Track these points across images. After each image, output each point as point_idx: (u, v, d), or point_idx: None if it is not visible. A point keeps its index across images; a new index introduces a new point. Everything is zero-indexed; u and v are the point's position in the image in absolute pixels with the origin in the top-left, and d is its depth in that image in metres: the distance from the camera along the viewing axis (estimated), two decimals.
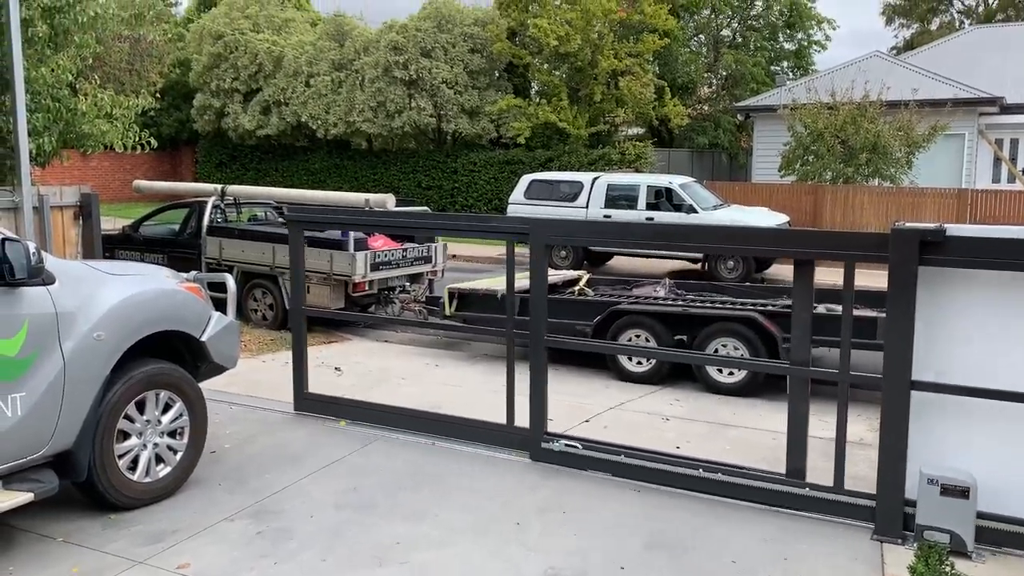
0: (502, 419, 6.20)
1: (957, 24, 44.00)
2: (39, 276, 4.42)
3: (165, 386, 5.12)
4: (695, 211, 15.66)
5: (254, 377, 8.20)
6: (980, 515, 4.59)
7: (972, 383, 4.62)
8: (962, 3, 46.29)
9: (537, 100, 27.05)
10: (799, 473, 5.18)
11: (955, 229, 4.68)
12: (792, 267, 5.23)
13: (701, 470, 5.42)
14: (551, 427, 6.57)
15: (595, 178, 17.03)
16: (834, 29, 35.52)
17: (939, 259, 4.62)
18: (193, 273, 6.05)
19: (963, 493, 4.54)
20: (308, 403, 6.98)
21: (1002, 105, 23.54)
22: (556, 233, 6.29)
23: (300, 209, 6.32)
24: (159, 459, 5.13)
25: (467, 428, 6.35)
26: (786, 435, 5.31)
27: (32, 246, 4.37)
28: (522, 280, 10.36)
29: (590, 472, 5.70)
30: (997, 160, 24.65)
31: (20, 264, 4.27)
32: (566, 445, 5.86)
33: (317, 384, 7.26)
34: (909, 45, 42.60)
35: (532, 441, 5.98)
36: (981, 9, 45.22)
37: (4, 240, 4.28)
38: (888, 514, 4.79)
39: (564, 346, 7.95)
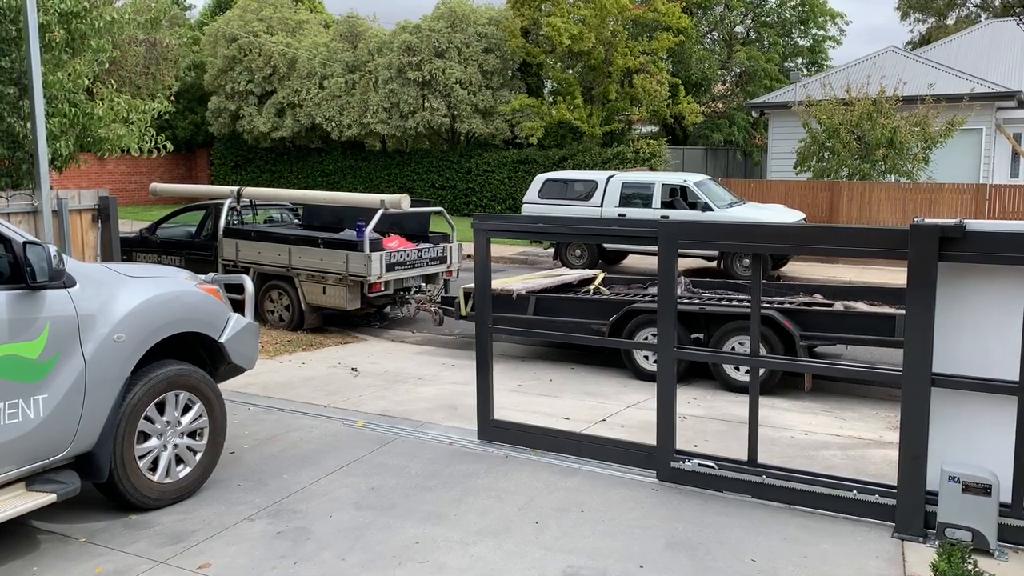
0: (519, 418, 6.19)
1: (974, 18, 43.64)
2: (60, 279, 4.46)
3: (185, 387, 5.16)
4: (710, 209, 15.58)
5: (271, 378, 8.25)
6: (1003, 512, 4.55)
7: (993, 378, 4.59)
8: None
9: (551, 99, 27.04)
10: None
11: (975, 225, 4.64)
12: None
13: (855, 492, 5.01)
14: (567, 426, 6.57)
15: (609, 177, 16.99)
16: (847, 24, 35.38)
17: (959, 255, 4.59)
18: (211, 275, 6.08)
19: (985, 490, 4.51)
20: (496, 431, 6.33)
21: (1020, 99, 23.32)
22: (686, 236, 5.73)
23: (486, 216, 6.16)
24: (179, 460, 5.16)
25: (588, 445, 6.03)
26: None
27: (53, 249, 4.41)
28: (536, 280, 10.40)
29: (724, 493, 5.35)
30: (1015, 155, 24.43)
31: (41, 267, 4.31)
32: (700, 464, 5.47)
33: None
34: (925, 40, 42.32)
35: (659, 460, 5.60)
36: (998, 3, 44.82)
37: (26, 243, 4.32)
38: (909, 512, 4.76)
39: (694, 357, 7.87)
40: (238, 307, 5.90)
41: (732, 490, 5.34)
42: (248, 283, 6.30)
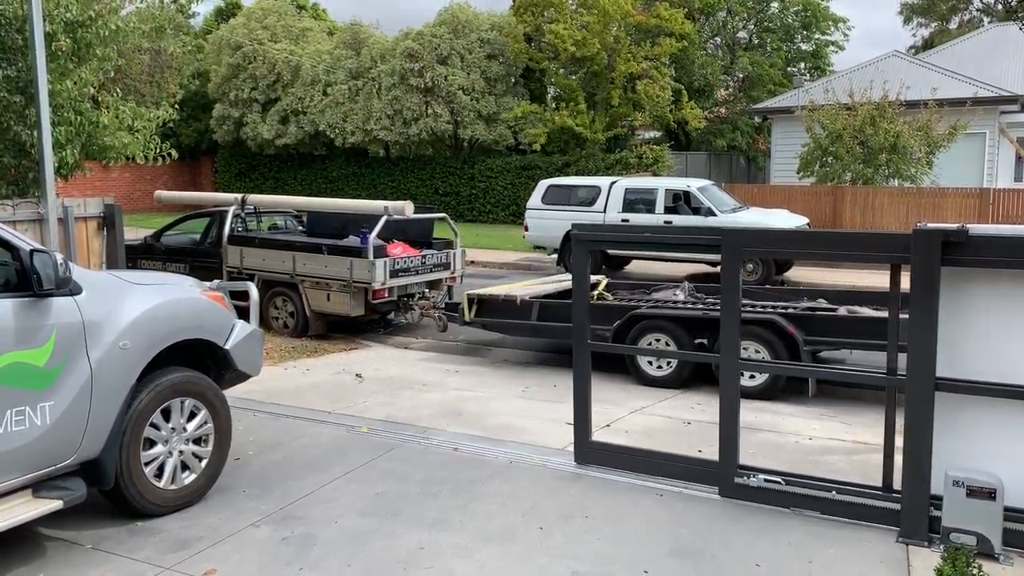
0: (523, 424, 6.19)
1: (976, 22, 43.64)
2: (67, 286, 4.48)
3: (190, 394, 5.17)
4: (713, 214, 15.60)
5: (276, 385, 8.26)
6: (1007, 516, 4.55)
7: (997, 382, 4.59)
8: (981, 1, 45.93)
9: (554, 105, 27.10)
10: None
11: (977, 229, 4.65)
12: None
13: (933, 509, 4.75)
14: (570, 431, 6.56)
15: (613, 182, 17.02)
16: (849, 29, 35.44)
17: (962, 259, 4.60)
18: (216, 282, 6.10)
19: (989, 495, 4.50)
20: (594, 454, 5.98)
21: (1023, 103, 23.32)
22: (750, 244, 5.56)
23: (589, 228, 5.92)
24: (184, 466, 5.18)
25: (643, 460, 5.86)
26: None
27: (60, 257, 4.43)
28: (540, 286, 10.41)
29: (791, 510, 5.14)
30: (1019, 158, 24.42)
31: (48, 275, 4.33)
32: (766, 480, 5.27)
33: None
34: (928, 44, 42.34)
35: (722, 475, 5.42)
36: (1000, 7, 44.85)
37: (33, 251, 4.34)
38: (913, 517, 4.75)
39: (768, 370, 7.80)
40: (243, 314, 5.92)
41: (799, 507, 5.15)
42: (253, 290, 6.32)
